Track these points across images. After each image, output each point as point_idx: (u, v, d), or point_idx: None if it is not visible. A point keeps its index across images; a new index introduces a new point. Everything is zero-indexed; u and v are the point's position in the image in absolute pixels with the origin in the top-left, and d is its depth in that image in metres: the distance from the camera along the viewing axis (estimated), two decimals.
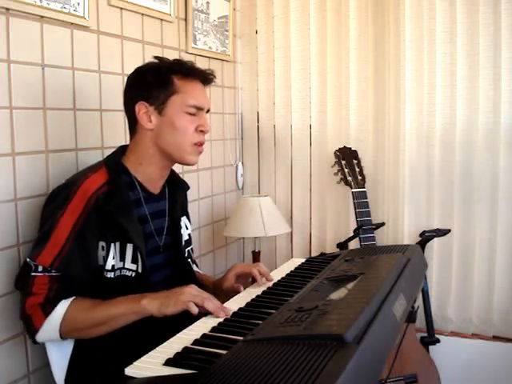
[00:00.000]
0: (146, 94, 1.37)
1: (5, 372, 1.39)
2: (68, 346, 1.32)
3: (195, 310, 1.15)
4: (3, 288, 1.38)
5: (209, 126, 1.42)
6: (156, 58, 1.44)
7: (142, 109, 1.37)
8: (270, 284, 1.39)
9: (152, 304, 1.18)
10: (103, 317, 1.22)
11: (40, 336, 1.25)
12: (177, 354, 0.92)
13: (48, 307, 1.22)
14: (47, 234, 1.26)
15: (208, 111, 1.45)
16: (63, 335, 1.25)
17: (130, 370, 0.87)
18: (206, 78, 1.44)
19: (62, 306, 1.23)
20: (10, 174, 1.39)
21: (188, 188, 1.64)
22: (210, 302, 1.15)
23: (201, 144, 1.41)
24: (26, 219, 1.43)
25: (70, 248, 1.24)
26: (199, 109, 1.40)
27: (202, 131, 1.40)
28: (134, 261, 1.33)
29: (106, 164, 1.37)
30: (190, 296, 1.17)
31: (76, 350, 1.32)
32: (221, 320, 1.10)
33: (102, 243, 1.29)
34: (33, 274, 1.25)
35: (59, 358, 1.33)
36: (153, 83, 1.37)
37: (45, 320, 1.22)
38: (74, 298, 1.25)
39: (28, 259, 1.26)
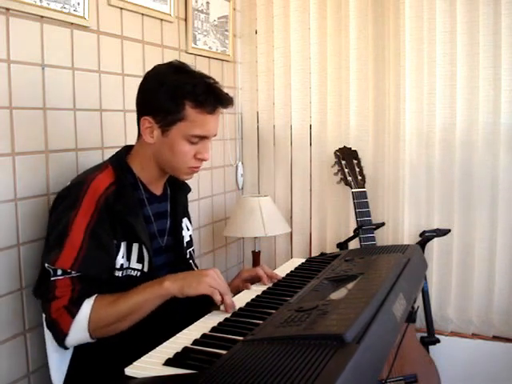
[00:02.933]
0: (154, 111, 1.33)
1: (5, 372, 1.39)
2: (68, 350, 1.31)
3: (219, 299, 1.16)
4: (3, 288, 1.38)
5: (209, 155, 1.39)
6: (179, 63, 1.37)
7: (145, 123, 1.34)
8: (271, 284, 1.39)
9: (174, 285, 1.19)
10: (128, 307, 1.21)
11: (70, 340, 1.23)
12: (177, 354, 0.92)
13: (73, 308, 1.21)
14: (62, 237, 1.24)
15: (215, 135, 1.40)
16: (93, 334, 1.22)
17: (130, 370, 0.87)
18: (222, 105, 1.36)
19: (87, 305, 1.22)
20: (10, 174, 1.39)
21: (190, 190, 1.63)
22: (229, 297, 1.17)
23: (196, 168, 1.40)
24: (26, 219, 1.43)
25: (88, 248, 1.24)
26: (203, 138, 1.36)
27: (199, 159, 1.38)
28: (140, 260, 1.33)
29: (112, 164, 1.37)
30: (215, 282, 1.18)
31: (76, 354, 1.31)
32: (221, 320, 1.10)
33: (115, 241, 1.29)
34: (53, 278, 1.23)
35: (59, 361, 1.32)
36: (164, 104, 1.31)
37: (72, 322, 1.21)
38: (96, 295, 1.24)
39: (46, 264, 1.25)
